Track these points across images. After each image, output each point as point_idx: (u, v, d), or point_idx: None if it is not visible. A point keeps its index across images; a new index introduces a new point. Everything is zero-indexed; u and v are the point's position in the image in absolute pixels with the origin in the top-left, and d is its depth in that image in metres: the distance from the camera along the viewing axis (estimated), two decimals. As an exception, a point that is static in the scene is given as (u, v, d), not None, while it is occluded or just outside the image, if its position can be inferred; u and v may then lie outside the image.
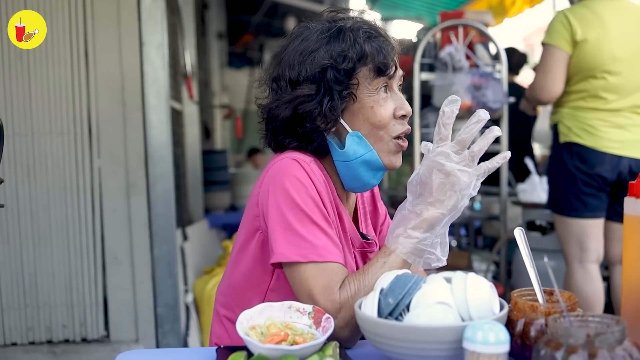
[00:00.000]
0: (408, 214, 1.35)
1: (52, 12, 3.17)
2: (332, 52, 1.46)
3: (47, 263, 3.26)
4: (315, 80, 1.46)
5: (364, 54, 1.46)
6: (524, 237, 1.30)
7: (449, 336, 1.07)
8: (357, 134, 1.49)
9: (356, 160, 1.49)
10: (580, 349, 0.95)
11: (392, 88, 1.52)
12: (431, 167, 1.31)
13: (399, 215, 1.38)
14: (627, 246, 1.24)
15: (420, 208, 1.34)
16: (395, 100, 1.51)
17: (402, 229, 1.35)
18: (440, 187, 1.31)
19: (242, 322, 1.24)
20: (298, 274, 1.38)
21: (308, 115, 1.48)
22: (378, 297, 1.18)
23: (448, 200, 1.31)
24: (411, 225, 1.34)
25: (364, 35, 1.48)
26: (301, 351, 1.15)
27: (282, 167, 1.45)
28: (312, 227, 1.39)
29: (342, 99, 1.47)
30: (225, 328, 1.62)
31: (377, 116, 1.48)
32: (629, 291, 1.23)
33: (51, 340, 3.30)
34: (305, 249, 1.38)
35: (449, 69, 3.79)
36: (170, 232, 3.35)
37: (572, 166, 3.15)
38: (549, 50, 3.19)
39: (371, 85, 1.48)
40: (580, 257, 3.17)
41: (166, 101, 3.31)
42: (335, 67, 1.45)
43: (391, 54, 1.49)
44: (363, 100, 1.48)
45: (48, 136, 3.23)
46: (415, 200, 1.35)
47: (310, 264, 1.37)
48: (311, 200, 1.41)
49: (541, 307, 1.16)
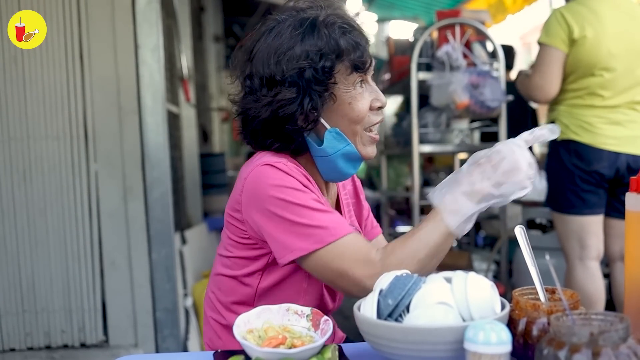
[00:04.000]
0: (462, 178, 1.35)
1: (47, 14, 3.15)
2: (309, 51, 1.44)
3: (45, 268, 3.24)
4: (294, 82, 1.44)
5: (340, 51, 1.45)
6: (525, 235, 1.29)
7: (450, 337, 1.06)
8: (335, 131, 1.49)
9: (335, 155, 1.50)
10: (584, 347, 0.94)
11: (367, 80, 1.51)
12: (510, 149, 1.31)
13: (452, 177, 1.37)
14: (629, 242, 1.23)
15: (476, 178, 1.33)
16: (370, 93, 1.51)
17: (455, 193, 1.34)
18: (507, 172, 1.31)
19: (240, 326, 1.23)
20: (320, 261, 1.38)
21: (289, 117, 1.46)
22: (377, 298, 1.17)
23: (506, 186, 1.31)
24: (461, 191, 1.33)
25: (339, 31, 1.46)
26: (299, 354, 1.14)
27: (259, 175, 1.44)
28: (311, 214, 1.39)
29: (322, 98, 1.46)
30: (213, 330, 1.62)
31: (355, 111, 1.48)
32: (632, 287, 1.22)
33: (50, 345, 3.28)
34: (316, 235, 1.38)
35: (447, 68, 3.78)
36: (168, 235, 3.34)
37: (570, 163, 3.15)
38: (545, 50, 3.18)
39: (347, 80, 1.48)
40: (581, 255, 3.17)
41: (162, 104, 3.30)
42: (314, 67, 1.43)
43: (367, 48, 1.48)
44: (341, 97, 1.48)
45: (44, 140, 3.21)
46: (475, 169, 1.34)
47: (329, 246, 1.38)
48: (298, 192, 1.41)
49: (543, 306, 1.15)
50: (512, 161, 1.30)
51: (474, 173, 1.33)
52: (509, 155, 1.31)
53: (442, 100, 3.77)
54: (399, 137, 4.55)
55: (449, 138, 4.14)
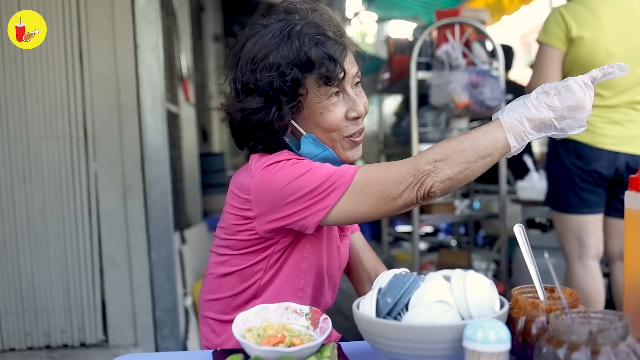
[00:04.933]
0: (529, 103, 1.37)
1: (46, 14, 3.15)
2: (280, 62, 1.46)
3: (45, 267, 3.24)
4: (265, 92, 1.47)
5: (309, 63, 1.45)
6: (524, 234, 1.29)
7: (449, 335, 1.06)
8: (310, 136, 1.52)
9: (315, 158, 1.53)
10: (583, 346, 0.94)
11: (345, 90, 1.52)
12: (579, 86, 1.37)
13: (521, 100, 1.39)
14: (628, 241, 1.23)
15: (543, 107, 1.36)
16: (347, 103, 1.52)
17: (522, 116, 1.36)
18: (572, 107, 1.37)
19: (239, 324, 1.23)
20: (355, 191, 1.41)
21: (259, 124, 1.50)
22: (376, 297, 1.17)
23: (568, 121, 1.37)
24: (527, 116, 1.36)
25: (311, 42, 1.46)
26: (298, 353, 1.14)
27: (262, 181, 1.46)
28: (318, 171, 1.43)
29: (290, 108, 1.48)
30: (212, 329, 1.62)
31: (327, 122, 1.50)
32: (631, 286, 1.22)
33: (50, 345, 3.28)
34: (333, 183, 1.41)
35: (446, 67, 3.78)
36: (167, 235, 3.34)
37: (569, 163, 3.15)
38: (543, 49, 3.19)
39: (319, 91, 1.48)
40: (580, 254, 3.17)
41: (162, 103, 3.30)
42: (282, 78, 1.45)
43: (339, 60, 1.47)
44: (312, 107, 1.50)
45: (43, 140, 3.21)
46: (543, 98, 1.37)
47: (355, 178, 1.41)
48: (299, 162, 1.46)
49: (542, 305, 1.14)
50: (578, 99, 1.35)
51: (542, 101, 1.36)
52: (578, 92, 1.36)
53: (441, 99, 3.77)
54: (398, 136, 4.55)
55: (449, 137, 4.14)
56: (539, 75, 3.19)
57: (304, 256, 1.56)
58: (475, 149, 1.36)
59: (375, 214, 1.42)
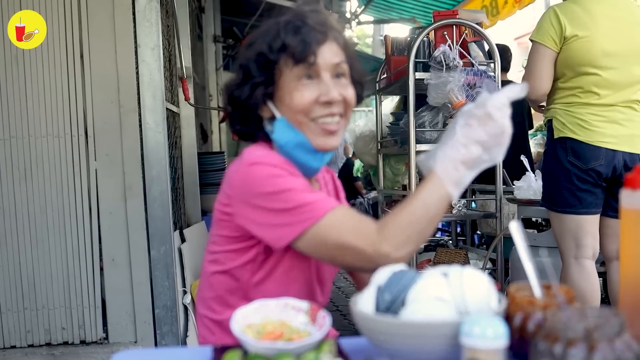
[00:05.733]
0: (457, 144, 1.36)
1: (47, 14, 3.17)
2: (261, 42, 1.55)
3: (45, 266, 3.26)
4: (243, 68, 1.57)
5: (283, 45, 1.51)
6: (520, 231, 1.29)
7: (446, 331, 1.06)
8: (282, 119, 1.55)
9: (289, 145, 1.55)
10: (579, 342, 0.94)
11: (319, 75, 1.53)
12: (498, 110, 1.34)
13: (446, 140, 1.38)
14: (624, 239, 1.23)
15: (472, 145, 1.35)
16: (320, 87, 1.53)
17: (454, 161, 1.35)
18: (496, 135, 1.34)
19: (238, 321, 1.24)
20: (317, 237, 1.41)
21: (238, 102, 1.58)
22: (374, 293, 1.18)
23: (495, 149, 1.35)
24: (460, 159, 1.35)
25: (289, 27, 1.53)
26: (297, 349, 1.15)
27: (247, 172, 1.48)
28: (298, 196, 1.43)
29: (262, 85, 1.54)
30: (207, 328, 1.63)
31: (294, 101, 1.52)
32: (627, 284, 1.23)
33: (50, 342, 3.30)
34: (307, 212, 1.41)
35: (443, 67, 3.79)
36: (167, 233, 3.35)
37: (567, 162, 3.15)
38: (536, 48, 3.21)
39: (292, 73, 1.52)
40: (576, 254, 3.18)
41: (162, 103, 3.31)
42: (258, 59, 1.54)
43: (313, 44, 1.51)
44: (284, 87, 1.54)
45: (44, 138, 3.23)
46: (469, 133, 1.35)
47: (322, 221, 1.40)
48: (281, 178, 1.45)
49: (539, 301, 1.15)
50: (499, 125, 1.33)
51: (469, 138, 1.35)
52: (498, 117, 1.33)
53: (439, 99, 3.78)
54: (395, 136, 4.55)
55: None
56: (531, 75, 3.22)
57: (293, 264, 1.57)
58: (427, 215, 1.37)
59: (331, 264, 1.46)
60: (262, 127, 1.61)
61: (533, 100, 3.39)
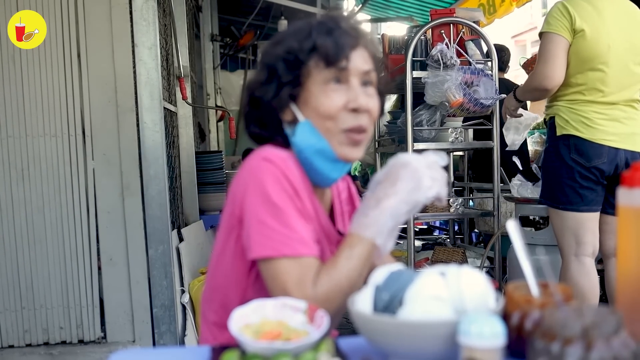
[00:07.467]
0: (391, 213, 1.40)
1: (44, 14, 3.16)
2: (290, 41, 1.51)
3: (43, 265, 3.26)
4: (268, 67, 1.53)
5: (314, 46, 1.48)
6: (517, 229, 1.29)
7: (444, 331, 1.06)
8: (307, 123, 1.50)
9: (309, 150, 1.50)
10: (577, 340, 0.94)
11: (348, 81, 1.50)
12: (400, 162, 1.41)
13: (383, 214, 1.40)
14: (621, 237, 1.24)
15: (380, 195, 1.40)
16: (348, 93, 1.50)
17: (368, 215, 1.40)
18: (403, 180, 1.39)
19: (236, 321, 1.24)
20: (272, 269, 1.38)
21: (261, 102, 1.54)
22: (372, 293, 1.18)
23: (410, 193, 1.38)
24: (394, 224, 1.40)
25: (321, 28, 1.50)
26: (295, 348, 1.15)
27: (256, 166, 1.45)
28: (286, 221, 1.40)
29: (289, 85, 1.50)
30: (210, 331, 1.62)
31: (323, 106, 1.48)
32: (624, 282, 1.23)
33: (48, 342, 3.30)
34: (278, 242, 1.38)
35: (441, 66, 3.79)
36: (165, 233, 3.35)
37: (570, 159, 3.16)
38: (550, 38, 3.18)
39: (321, 75, 1.49)
40: (576, 251, 3.18)
41: (159, 102, 3.30)
42: (287, 57, 1.50)
43: (345, 48, 1.48)
44: (311, 90, 1.50)
45: (42, 138, 3.23)
46: (376, 187, 1.42)
47: (284, 259, 1.38)
48: (285, 194, 1.42)
49: (536, 300, 1.15)
50: (405, 167, 1.40)
51: (375, 191, 1.42)
52: (399, 163, 1.41)
53: (436, 98, 3.79)
54: (393, 135, 4.56)
55: (443, 136, 4.16)
56: (547, 64, 3.18)
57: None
58: (361, 274, 1.41)
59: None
60: (280, 131, 1.57)
61: (549, 90, 3.26)
